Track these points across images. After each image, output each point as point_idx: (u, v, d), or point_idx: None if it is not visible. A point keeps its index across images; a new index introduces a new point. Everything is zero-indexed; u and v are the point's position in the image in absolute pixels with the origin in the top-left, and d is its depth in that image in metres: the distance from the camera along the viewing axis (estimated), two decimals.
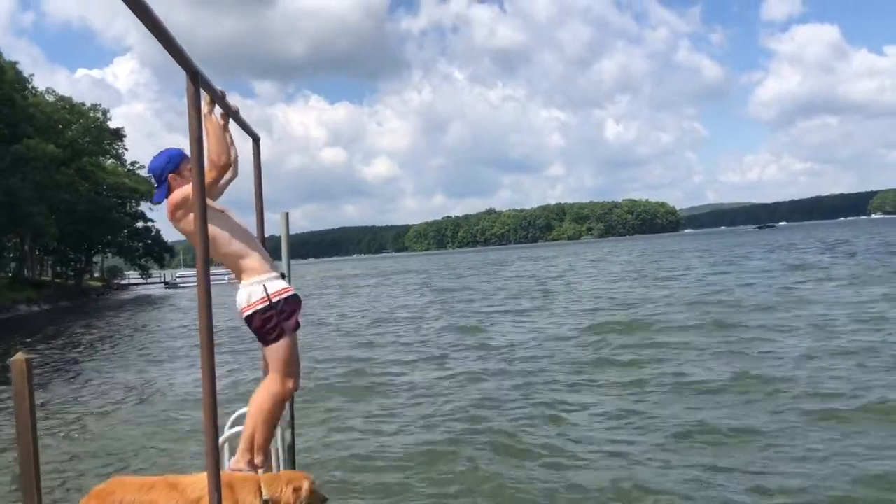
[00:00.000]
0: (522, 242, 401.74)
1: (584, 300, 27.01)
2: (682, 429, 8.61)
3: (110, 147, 68.85)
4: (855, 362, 11.56)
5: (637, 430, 8.83)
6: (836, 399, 9.38)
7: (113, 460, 9.03)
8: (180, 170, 3.79)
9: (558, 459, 7.91)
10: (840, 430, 8.16)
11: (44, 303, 50.84)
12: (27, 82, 53.61)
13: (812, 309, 18.70)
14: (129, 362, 19.08)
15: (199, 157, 2.66)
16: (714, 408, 9.51)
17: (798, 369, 11.40)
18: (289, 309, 3.76)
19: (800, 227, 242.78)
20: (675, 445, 8.05)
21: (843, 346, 13.12)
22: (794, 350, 13.12)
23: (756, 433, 8.23)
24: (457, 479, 7.55)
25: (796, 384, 10.34)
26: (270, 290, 3.71)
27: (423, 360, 15.69)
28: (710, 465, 7.29)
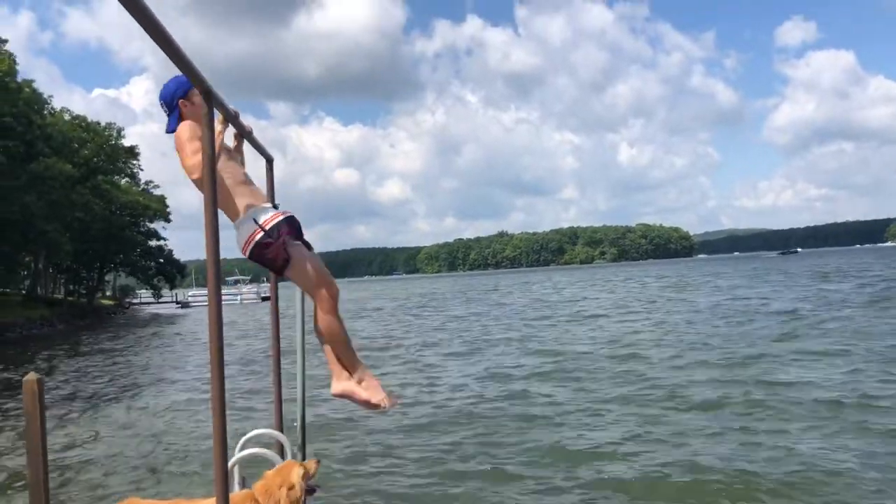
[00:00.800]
0: (534, 265, 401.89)
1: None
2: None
3: (125, 166, 69.45)
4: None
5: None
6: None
7: (124, 482, 8.98)
8: (189, 96, 3.75)
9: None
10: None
11: (57, 321, 51.09)
12: (46, 103, 54.30)
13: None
14: (140, 382, 19.08)
15: (212, 176, 2.65)
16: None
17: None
18: (287, 228, 3.72)
19: (824, 252, 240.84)
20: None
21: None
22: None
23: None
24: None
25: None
26: (261, 220, 3.67)
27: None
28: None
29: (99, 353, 28.67)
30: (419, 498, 7.72)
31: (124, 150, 67.21)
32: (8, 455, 10.82)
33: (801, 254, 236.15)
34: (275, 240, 3.67)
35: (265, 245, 3.66)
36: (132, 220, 69.63)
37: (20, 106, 46.14)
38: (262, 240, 3.66)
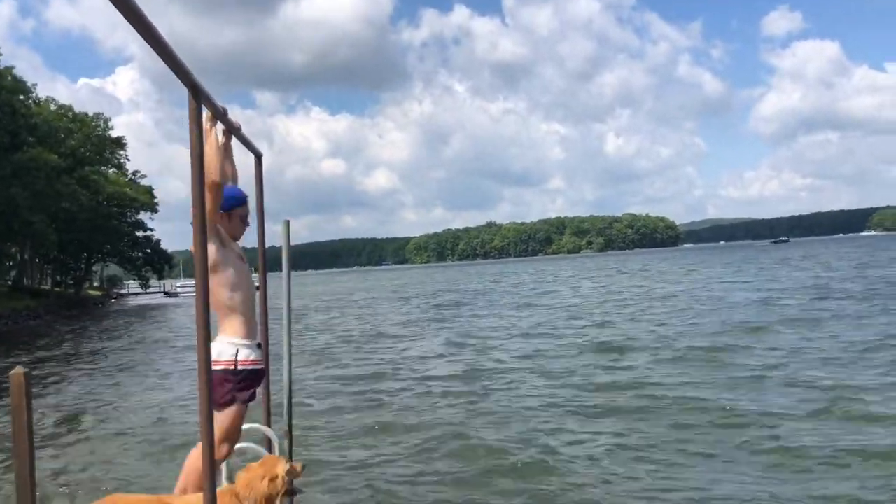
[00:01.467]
0: (522, 256, 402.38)
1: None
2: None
3: (112, 156, 68.98)
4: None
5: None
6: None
7: (110, 477, 8.96)
8: (230, 213, 3.93)
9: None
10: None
11: (44, 312, 50.76)
12: (30, 91, 53.76)
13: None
14: (128, 375, 19.01)
15: (199, 174, 2.64)
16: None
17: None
18: (249, 381, 3.75)
19: (818, 241, 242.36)
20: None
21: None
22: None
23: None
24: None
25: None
26: (240, 357, 3.70)
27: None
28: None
29: (86, 345, 28.53)
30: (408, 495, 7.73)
31: (111, 140, 66.74)
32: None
33: (792, 243, 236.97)
34: (233, 382, 3.69)
35: (225, 380, 3.67)
36: (119, 211, 69.24)
37: (3, 94, 45.66)
38: (225, 373, 3.68)
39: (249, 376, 3.76)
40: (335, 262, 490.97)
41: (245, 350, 3.73)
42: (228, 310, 3.72)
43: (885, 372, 12.25)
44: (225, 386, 3.68)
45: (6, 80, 47.22)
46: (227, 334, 3.72)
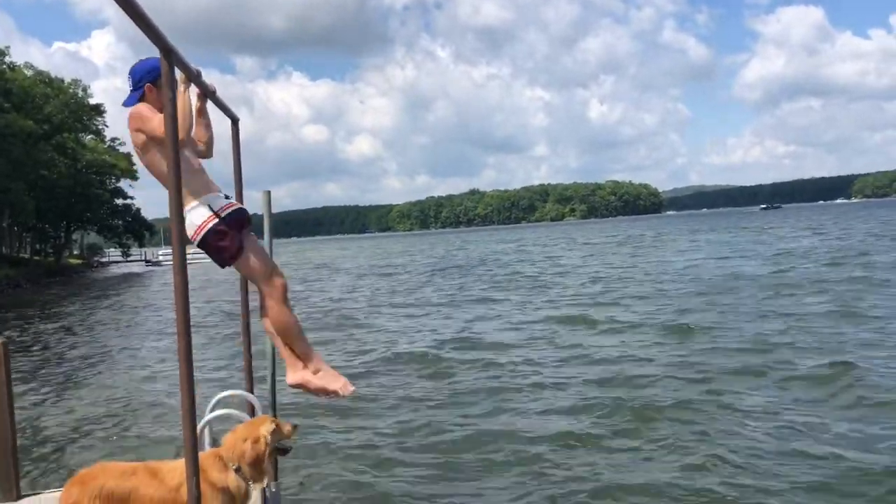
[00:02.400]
0: (506, 223, 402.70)
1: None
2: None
3: (90, 123, 68.05)
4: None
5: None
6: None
7: (94, 446, 8.97)
8: (159, 83, 3.67)
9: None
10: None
11: (23, 281, 50.31)
12: (4, 55, 52.71)
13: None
14: (110, 344, 18.95)
15: (173, 136, 2.59)
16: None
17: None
18: (239, 219, 3.67)
19: (809, 208, 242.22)
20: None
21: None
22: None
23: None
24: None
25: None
26: (216, 207, 3.61)
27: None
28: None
29: (67, 314, 28.37)
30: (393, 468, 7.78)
31: (90, 107, 65.77)
32: None
33: (787, 209, 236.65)
34: (229, 228, 3.61)
35: (220, 233, 3.59)
36: (98, 179, 68.51)
37: None
38: (217, 226, 3.59)
39: (236, 215, 3.66)
40: (318, 229, 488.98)
41: (215, 201, 3.64)
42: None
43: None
44: (226, 238, 3.59)
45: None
46: (191, 200, 3.57)
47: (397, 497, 6.69)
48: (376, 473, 7.34)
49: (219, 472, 3.42)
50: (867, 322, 13.91)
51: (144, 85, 3.66)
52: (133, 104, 3.65)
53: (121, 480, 3.30)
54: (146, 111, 3.54)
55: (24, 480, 5.56)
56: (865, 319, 14.21)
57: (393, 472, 7.36)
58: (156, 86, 3.62)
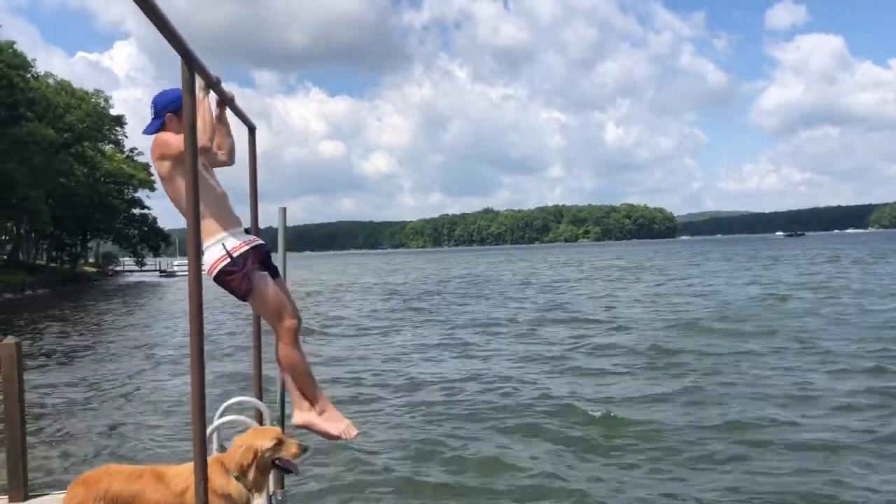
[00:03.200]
0: (519, 243, 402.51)
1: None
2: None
3: (110, 133, 68.74)
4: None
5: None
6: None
7: (103, 448, 9.00)
8: (180, 113, 3.74)
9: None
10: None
11: (39, 287, 50.67)
12: (29, 66, 53.43)
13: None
14: (122, 350, 19.04)
15: (192, 144, 2.62)
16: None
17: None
18: (254, 258, 3.71)
19: (832, 236, 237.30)
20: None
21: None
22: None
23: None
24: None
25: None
26: (229, 247, 3.66)
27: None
28: None
29: (80, 320, 28.54)
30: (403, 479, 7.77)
31: (111, 118, 66.48)
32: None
33: (811, 237, 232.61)
34: (239, 269, 3.65)
35: (229, 273, 3.65)
36: (116, 188, 69.05)
37: (2, 69, 45.38)
38: (227, 267, 3.65)
39: (249, 255, 3.69)
40: (332, 244, 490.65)
41: (230, 240, 3.67)
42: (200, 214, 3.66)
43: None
44: (236, 277, 3.64)
45: (5, 54, 46.87)
46: (208, 238, 3.64)
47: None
48: (387, 482, 7.33)
49: (220, 479, 3.41)
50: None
51: (165, 114, 3.74)
52: (154, 132, 3.73)
53: (126, 483, 3.30)
54: (168, 136, 3.63)
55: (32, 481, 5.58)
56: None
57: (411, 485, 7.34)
58: (177, 115, 3.68)
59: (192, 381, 2.69)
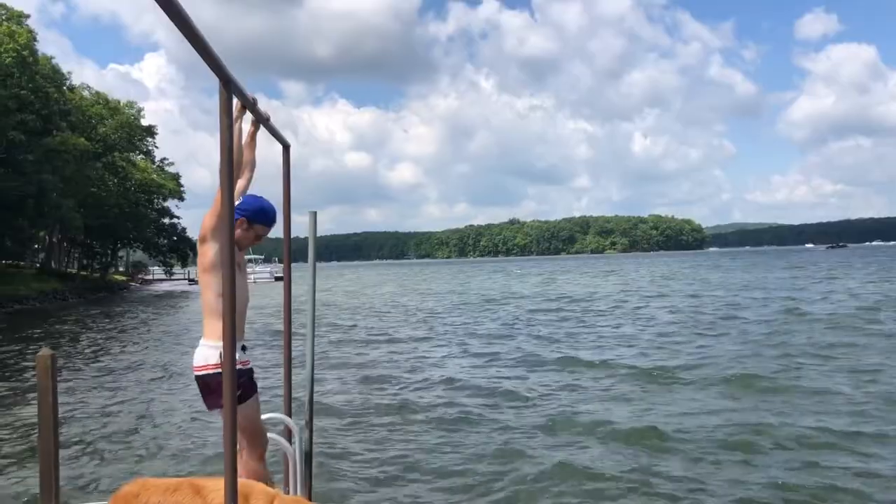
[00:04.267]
0: (545, 254, 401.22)
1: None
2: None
3: (141, 143, 69.84)
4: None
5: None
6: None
7: (135, 460, 9.06)
8: (248, 224, 3.95)
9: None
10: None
11: (70, 295, 51.44)
12: (65, 79, 54.46)
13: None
14: (152, 360, 19.18)
15: (229, 165, 2.64)
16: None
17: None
18: (240, 381, 3.73)
19: (875, 248, 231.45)
20: None
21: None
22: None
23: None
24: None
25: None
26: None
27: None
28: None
29: (111, 328, 28.87)
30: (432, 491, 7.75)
31: (142, 128, 67.57)
32: (19, 428, 10.94)
33: (851, 249, 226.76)
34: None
35: (217, 384, 3.64)
36: (146, 198, 70.02)
37: (38, 81, 46.30)
38: (214, 377, 3.70)
39: (243, 374, 3.78)
40: (358, 254, 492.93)
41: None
42: (213, 313, 3.73)
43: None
44: (218, 390, 3.68)
45: (44, 68, 47.87)
46: (210, 338, 3.75)
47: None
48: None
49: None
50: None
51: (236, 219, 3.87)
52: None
53: (164, 496, 3.29)
54: (208, 216, 3.77)
55: (64, 491, 5.64)
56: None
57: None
58: (245, 223, 3.93)
59: (224, 396, 2.70)
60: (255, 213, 3.94)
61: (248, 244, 4.05)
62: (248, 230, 3.94)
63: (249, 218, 3.92)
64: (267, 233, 4.10)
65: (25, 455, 9.10)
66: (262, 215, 3.98)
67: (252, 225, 3.94)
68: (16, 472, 8.58)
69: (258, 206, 3.97)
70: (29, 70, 45.15)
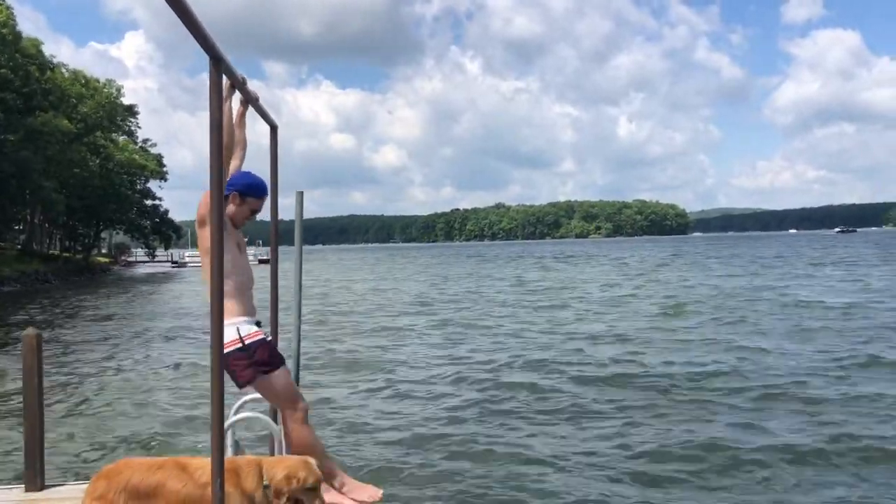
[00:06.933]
0: (530, 238, 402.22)
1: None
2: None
3: (123, 123, 69.15)
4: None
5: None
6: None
7: (119, 441, 9.05)
8: (240, 198, 3.94)
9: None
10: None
11: (52, 277, 51.05)
12: (50, 64, 53.95)
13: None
14: (136, 341, 19.10)
15: (218, 144, 2.63)
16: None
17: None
18: (261, 352, 3.78)
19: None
20: None
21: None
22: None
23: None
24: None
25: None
26: (243, 333, 3.74)
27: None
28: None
29: (94, 310, 28.70)
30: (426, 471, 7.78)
31: (123, 108, 66.85)
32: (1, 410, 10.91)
33: (861, 233, 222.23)
34: (247, 357, 3.72)
35: (236, 358, 3.70)
36: (129, 179, 69.44)
37: (18, 60, 45.71)
38: (236, 352, 3.71)
39: (263, 346, 3.78)
40: (343, 237, 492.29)
41: (245, 326, 3.77)
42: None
43: None
44: (240, 365, 3.72)
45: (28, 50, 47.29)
46: (225, 316, 3.69)
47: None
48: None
49: (252, 481, 3.40)
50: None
51: (231, 193, 3.89)
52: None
53: (147, 474, 3.30)
54: (204, 197, 3.68)
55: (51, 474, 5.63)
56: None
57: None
58: (239, 195, 3.92)
59: (212, 375, 2.71)
60: (246, 187, 3.93)
61: (244, 220, 4.02)
62: (241, 205, 3.93)
63: (241, 191, 3.91)
64: (260, 206, 4.08)
65: (11, 436, 9.07)
66: (254, 188, 3.97)
67: (245, 198, 3.93)
68: (0, 451, 8.56)
69: (248, 180, 3.97)
70: (9, 48, 44.53)
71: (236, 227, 3.97)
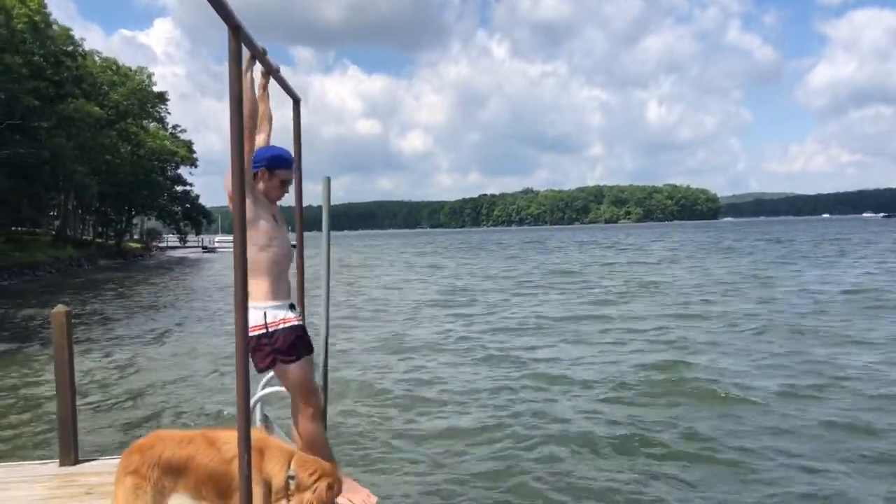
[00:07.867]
0: (559, 224, 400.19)
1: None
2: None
3: (153, 110, 69.79)
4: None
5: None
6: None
7: (150, 415, 9.21)
8: (269, 174, 3.86)
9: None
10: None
11: (85, 262, 51.85)
12: (78, 45, 54.42)
13: None
14: (166, 322, 19.38)
15: (238, 115, 2.61)
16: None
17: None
18: (283, 340, 3.72)
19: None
20: None
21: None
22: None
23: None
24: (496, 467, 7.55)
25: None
26: (269, 319, 3.69)
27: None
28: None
29: (126, 293, 29.13)
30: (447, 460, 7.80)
31: (154, 95, 67.46)
32: (35, 387, 11.12)
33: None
34: (269, 344, 3.68)
35: (260, 345, 3.66)
36: (160, 165, 70.11)
37: (50, 48, 46.24)
38: (261, 338, 3.67)
39: (287, 334, 3.73)
40: (370, 223, 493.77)
41: (273, 311, 3.70)
42: (254, 271, 3.59)
43: None
44: (261, 350, 3.69)
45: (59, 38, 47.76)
46: (253, 299, 3.60)
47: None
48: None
49: (276, 466, 3.41)
50: None
51: (258, 169, 3.82)
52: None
53: (178, 448, 3.34)
54: (228, 175, 3.63)
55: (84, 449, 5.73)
56: None
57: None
58: (268, 170, 3.83)
59: (236, 351, 2.71)
60: (273, 160, 3.84)
61: (278, 194, 3.94)
62: (271, 179, 3.85)
63: (269, 166, 3.83)
64: (290, 177, 3.99)
65: (45, 413, 9.25)
66: (280, 160, 3.88)
67: (274, 172, 3.84)
68: (35, 427, 8.73)
69: (272, 152, 3.89)
70: (41, 36, 45.05)
71: (271, 202, 3.90)
